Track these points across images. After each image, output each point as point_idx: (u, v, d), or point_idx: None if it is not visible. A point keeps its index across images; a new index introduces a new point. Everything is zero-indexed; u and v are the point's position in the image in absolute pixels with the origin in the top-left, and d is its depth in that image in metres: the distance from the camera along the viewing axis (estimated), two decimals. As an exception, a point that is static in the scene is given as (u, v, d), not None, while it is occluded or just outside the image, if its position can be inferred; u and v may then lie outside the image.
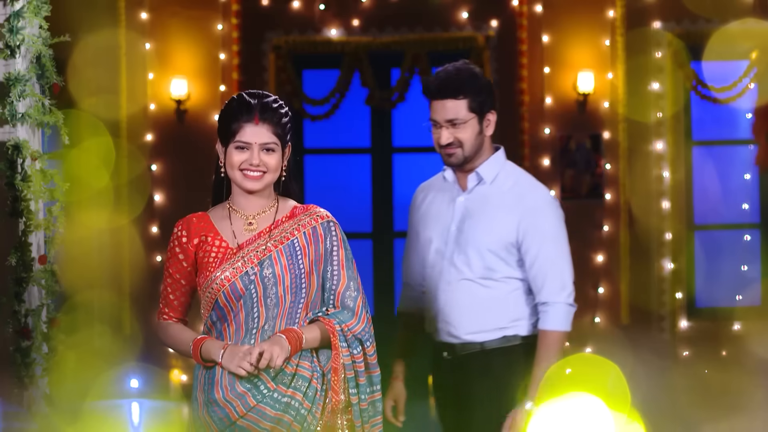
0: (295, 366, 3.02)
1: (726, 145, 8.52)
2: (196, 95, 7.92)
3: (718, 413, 6.73)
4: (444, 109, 3.52)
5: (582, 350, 7.71)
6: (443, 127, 3.53)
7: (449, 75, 3.51)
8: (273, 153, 3.05)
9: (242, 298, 3.01)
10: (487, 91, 3.55)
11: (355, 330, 3.04)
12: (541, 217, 3.59)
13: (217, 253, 3.04)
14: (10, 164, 4.46)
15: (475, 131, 3.55)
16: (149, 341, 7.84)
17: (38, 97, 4.54)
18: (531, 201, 3.63)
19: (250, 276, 3.01)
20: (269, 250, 3.03)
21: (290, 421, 2.99)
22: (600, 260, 8.02)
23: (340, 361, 3.02)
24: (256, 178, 3.04)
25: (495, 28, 8.14)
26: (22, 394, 4.49)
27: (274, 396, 2.99)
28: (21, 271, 4.47)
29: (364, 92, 8.20)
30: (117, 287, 7.77)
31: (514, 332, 3.57)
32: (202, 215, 3.12)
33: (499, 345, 3.56)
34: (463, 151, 3.57)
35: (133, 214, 7.76)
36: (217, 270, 3.02)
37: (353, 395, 3.04)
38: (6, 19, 4.48)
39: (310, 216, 3.09)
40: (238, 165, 3.04)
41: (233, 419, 3.00)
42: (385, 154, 8.42)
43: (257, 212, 3.09)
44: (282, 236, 3.05)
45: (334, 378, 3.02)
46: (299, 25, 8.14)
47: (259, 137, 3.03)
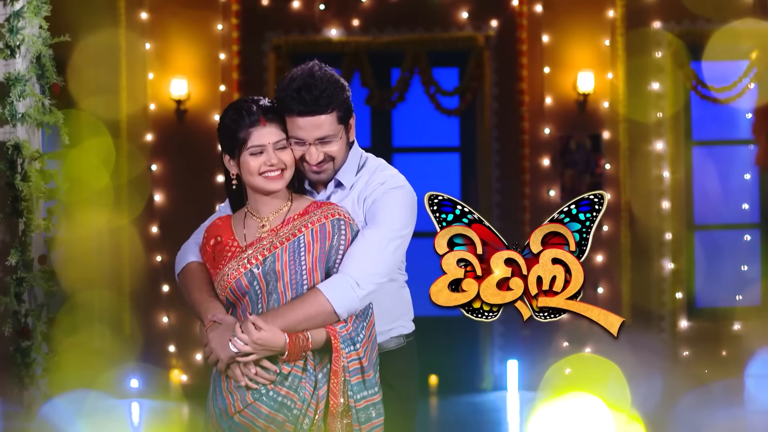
0: (291, 366, 3.06)
1: (726, 145, 8.52)
2: (196, 95, 7.92)
3: (718, 413, 6.73)
4: (314, 126, 3.14)
5: (582, 350, 7.72)
6: (312, 145, 3.16)
7: (316, 87, 3.13)
8: (285, 150, 3.13)
9: (247, 294, 3.09)
10: (348, 96, 3.22)
11: (348, 328, 3.09)
12: (381, 201, 3.24)
13: (228, 251, 3.13)
14: (10, 164, 4.46)
15: (344, 142, 3.23)
16: (149, 341, 7.84)
17: (38, 97, 4.54)
18: (379, 190, 3.27)
19: (254, 272, 3.08)
20: (275, 247, 3.09)
21: (283, 421, 3.03)
22: (600, 260, 8.03)
23: (340, 363, 3.06)
24: (277, 177, 3.11)
25: (495, 28, 8.14)
26: (22, 394, 4.49)
27: (270, 394, 3.04)
28: (21, 271, 4.47)
29: (364, 92, 8.20)
30: (117, 287, 7.77)
31: (398, 332, 3.39)
32: (225, 218, 3.24)
33: (394, 347, 3.35)
34: (334, 165, 3.22)
35: (133, 214, 7.76)
36: (226, 267, 3.11)
37: (350, 397, 3.07)
38: (6, 19, 4.48)
39: (323, 213, 3.13)
40: (258, 170, 3.10)
41: (230, 413, 3.05)
42: (385, 154, 8.40)
43: (271, 213, 3.16)
44: (290, 233, 3.11)
45: (333, 380, 3.05)
46: (299, 25, 8.14)
47: (270, 137, 3.10)
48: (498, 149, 8.18)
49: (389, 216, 3.21)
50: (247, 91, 7.95)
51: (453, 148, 8.43)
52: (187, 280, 3.22)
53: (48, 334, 4.54)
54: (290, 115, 3.14)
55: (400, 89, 8.12)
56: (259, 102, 3.12)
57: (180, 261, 3.29)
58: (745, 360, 7.73)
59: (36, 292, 4.53)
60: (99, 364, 6.80)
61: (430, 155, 8.52)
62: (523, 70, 8.07)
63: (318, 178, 3.24)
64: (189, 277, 3.22)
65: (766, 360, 7.67)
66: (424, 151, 8.48)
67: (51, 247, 4.62)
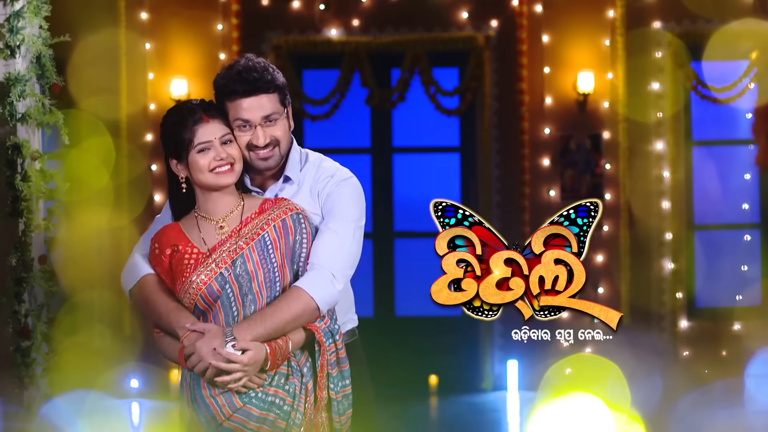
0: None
1: (726, 145, 8.52)
2: (196, 95, 7.91)
3: (718, 413, 6.73)
4: (258, 105, 3.19)
5: (582, 350, 7.72)
6: (258, 126, 3.19)
7: (256, 69, 3.21)
8: (232, 144, 3.14)
9: (219, 298, 3.06)
10: (285, 83, 3.29)
11: (326, 321, 3.11)
12: (335, 194, 3.28)
13: (189, 259, 3.08)
14: (10, 164, 4.46)
15: (286, 127, 3.27)
16: (149, 341, 7.83)
17: (38, 97, 4.54)
18: (331, 183, 3.31)
19: (224, 276, 3.06)
20: (241, 248, 3.08)
21: (275, 419, 3.04)
22: (600, 260, 8.03)
23: (325, 357, 3.09)
24: (227, 171, 3.10)
25: (495, 28, 8.14)
26: (22, 394, 4.49)
27: (259, 396, 3.04)
28: (21, 271, 4.47)
29: (364, 92, 8.20)
30: (117, 287, 7.73)
31: (351, 325, 3.40)
32: (173, 225, 3.17)
33: (347, 341, 3.33)
34: (279, 150, 3.24)
35: (133, 214, 7.76)
36: (192, 275, 3.06)
37: (331, 390, 3.09)
38: (6, 19, 4.48)
39: (280, 209, 3.14)
40: (208, 166, 3.09)
41: (219, 421, 3.03)
42: (385, 154, 8.42)
43: (225, 214, 3.14)
44: (252, 233, 3.10)
45: (320, 375, 3.08)
46: (299, 25, 8.14)
47: (215, 132, 3.11)
48: (498, 149, 8.17)
49: (347, 208, 3.25)
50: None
51: (453, 148, 8.43)
52: (147, 293, 3.15)
53: (48, 334, 4.54)
54: (234, 98, 3.20)
55: (400, 89, 8.11)
56: (198, 101, 3.15)
57: (130, 276, 3.22)
58: (745, 360, 7.73)
59: (36, 292, 4.53)
60: (99, 364, 6.80)
61: (430, 155, 8.52)
62: (523, 70, 8.07)
63: (266, 165, 3.23)
64: (148, 290, 3.15)
65: (766, 360, 7.67)
66: (424, 151, 8.48)
67: (51, 247, 4.62)
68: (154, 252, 3.14)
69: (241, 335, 2.99)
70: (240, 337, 2.98)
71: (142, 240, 3.27)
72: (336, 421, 3.11)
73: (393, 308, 8.32)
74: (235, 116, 3.19)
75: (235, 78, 3.20)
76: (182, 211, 3.18)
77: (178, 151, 3.11)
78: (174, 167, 3.14)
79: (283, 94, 3.25)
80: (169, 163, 3.15)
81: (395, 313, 8.29)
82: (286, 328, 3.04)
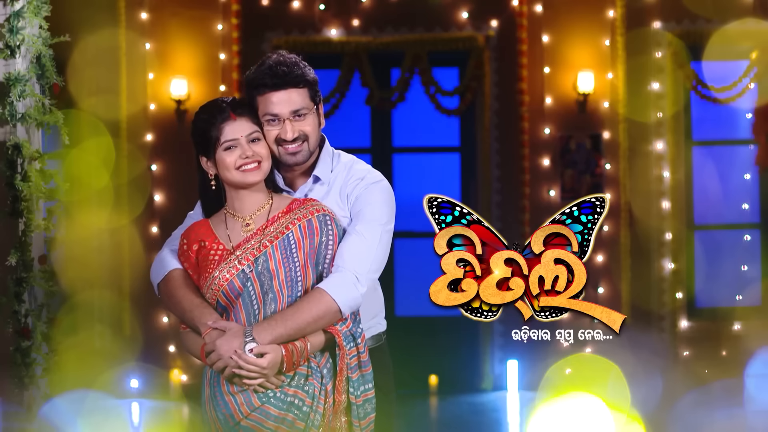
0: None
1: (726, 145, 8.52)
2: (196, 95, 7.91)
3: (718, 413, 6.73)
4: (288, 99, 3.20)
5: (582, 350, 7.72)
6: (287, 120, 3.20)
7: (287, 64, 3.24)
8: (260, 142, 3.14)
9: (240, 295, 3.06)
10: (317, 80, 3.32)
11: (348, 325, 3.10)
12: (364, 197, 3.28)
13: (214, 255, 3.10)
14: (10, 164, 4.47)
15: (316, 123, 3.29)
16: (149, 341, 7.84)
17: (38, 97, 4.54)
18: (360, 186, 3.32)
19: (246, 273, 3.06)
20: (264, 247, 3.08)
21: (294, 420, 3.03)
22: (600, 260, 8.03)
23: (345, 361, 3.07)
24: (254, 169, 3.11)
25: (495, 28, 8.14)
26: (22, 394, 4.49)
27: (278, 395, 3.03)
28: (21, 271, 4.47)
29: (364, 92, 8.20)
30: (117, 287, 7.77)
31: (376, 330, 3.39)
32: (203, 222, 3.19)
33: (373, 345, 3.33)
34: (308, 146, 3.25)
35: (133, 214, 7.76)
36: (215, 270, 3.08)
37: (351, 393, 3.08)
38: (6, 19, 4.48)
39: (307, 209, 3.14)
40: (234, 164, 3.11)
41: (237, 419, 3.04)
42: (385, 154, 8.42)
43: (253, 212, 3.15)
44: (277, 231, 3.10)
45: (339, 378, 3.07)
46: (299, 25, 8.14)
47: (242, 130, 3.12)
48: (498, 149, 8.17)
49: (376, 211, 3.24)
50: (247, 91, 7.94)
51: (453, 148, 8.43)
52: (173, 288, 3.16)
53: (48, 334, 4.54)
54: (264, 92, 3.20)
55: (400, 89, 8.11)
56: (228, 99, 3.15)
57: (159, 270, 3.23)
58: (745, 360, 7.73)
59: (36, 292, 4.53)
60: (99, 364, 6.80)
61: (430, 155, 8.52)
62: (523, 70, 8.07)
63: (294, 159, 3.23)
64: (174, 285, 3.16)
65: (766, 360, 7.67)
66: (424, 151, 8.48)
67: (51, 247, 4.63)
68: (183, 247, 3.17)
69: (260, 336, 2.99)
70: (260, 338, 2.98)
71: (173, 235, 3.30)
72: (356, 426, 3.09)
73: (393, 308, 8.33)
74: (264, 111, 3.20)
75: (265, 72, 3.21)
76: (212, 208, 3.20)
77: (206, 148, 3.13)
78: (204, 164, 3.16)
79: (313, 90, 3.27)
80: (199, 161, 3.17)
81: (395, 313, 8.29)
82: (306, 330, 3.03)
